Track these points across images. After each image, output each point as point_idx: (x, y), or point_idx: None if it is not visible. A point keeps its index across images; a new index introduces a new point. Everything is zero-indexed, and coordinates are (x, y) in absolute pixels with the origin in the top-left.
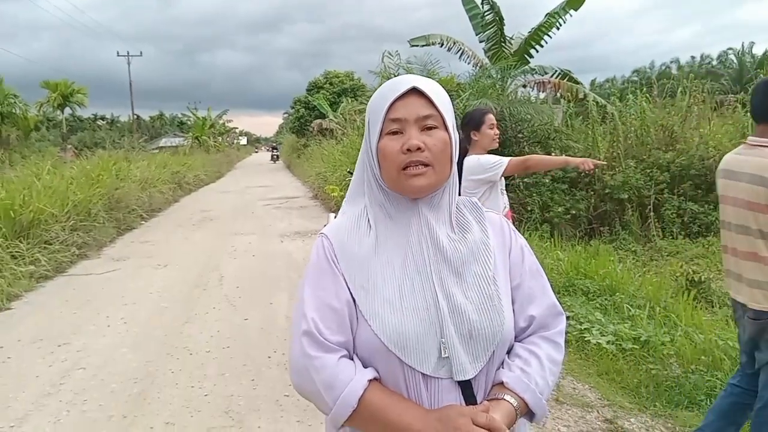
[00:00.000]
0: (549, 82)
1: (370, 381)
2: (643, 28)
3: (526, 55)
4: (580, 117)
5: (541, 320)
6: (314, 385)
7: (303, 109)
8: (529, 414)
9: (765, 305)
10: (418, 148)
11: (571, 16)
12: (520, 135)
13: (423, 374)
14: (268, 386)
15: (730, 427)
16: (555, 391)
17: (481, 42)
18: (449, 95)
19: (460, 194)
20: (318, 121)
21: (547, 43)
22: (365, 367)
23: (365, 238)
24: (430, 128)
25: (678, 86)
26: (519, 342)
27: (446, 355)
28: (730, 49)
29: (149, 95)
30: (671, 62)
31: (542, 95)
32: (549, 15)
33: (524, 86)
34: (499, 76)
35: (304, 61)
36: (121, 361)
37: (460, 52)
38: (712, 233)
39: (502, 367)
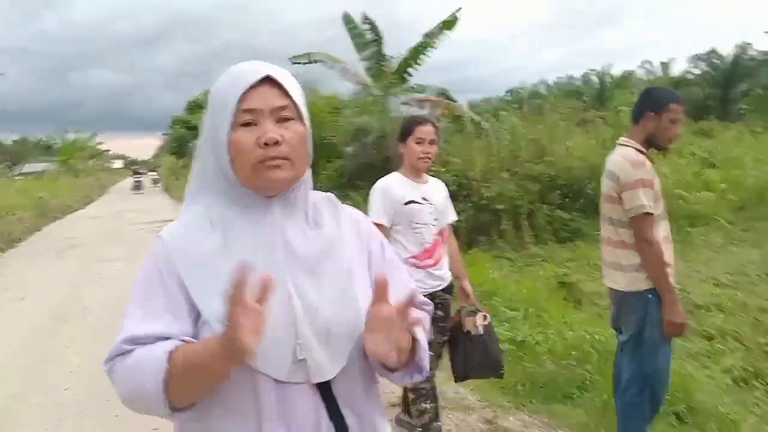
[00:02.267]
0: (428, 100)
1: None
2: (516, 51)
3: (405, 74)
4: (458, 134)
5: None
6: (132, 379)
7: (183, 129)
8: (413, 366)
9: (622, 286)
10: (276, 142)
11: (447, 36)
12: None
13: (276, 380)
14: (133, 422)
15: None
16: None
17: (362, 61)
18: (333, 112)
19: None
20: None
21: (424, 63)
22: None
23: (210, 239)
24: (285, 119)
25: (546, 104)
26: None
27: (302, 357)
28: (592, 70)
29: (11, 117)
30: (540, 83)
31: (422, 113)
32: (426, 35)
33: (405, 104)
34: (380, 95)
35: (184, 81)
36: None
37: (343, 70)
38: (579, 238)
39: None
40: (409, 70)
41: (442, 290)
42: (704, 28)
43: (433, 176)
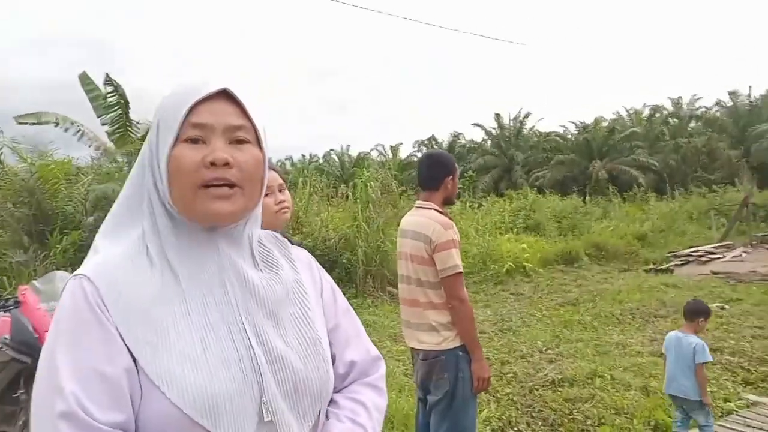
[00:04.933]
0: None
1: None
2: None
3: None
4: None
5: (362, 366)
6: None
7: None
8: None
9: (434, 346)
10: (226, 163)
11: None
12: None
13: None
14: None
15: None
16: None
17: (104, 125)
18: (68, 179)
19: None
20: None
21: None
22: None
23: (147, 278)
24: (240, 141)
25: (300, 178)
26: (339, 392)
27: (269, 419)
28: (332, 150)
29: None
30: (286, 159)
31: None
32: None
33: None
34: (125, 161)
35: None
36: None
37: (80, 133)
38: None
39: (328, 419)
40: None
41: None
42: (426, 117)
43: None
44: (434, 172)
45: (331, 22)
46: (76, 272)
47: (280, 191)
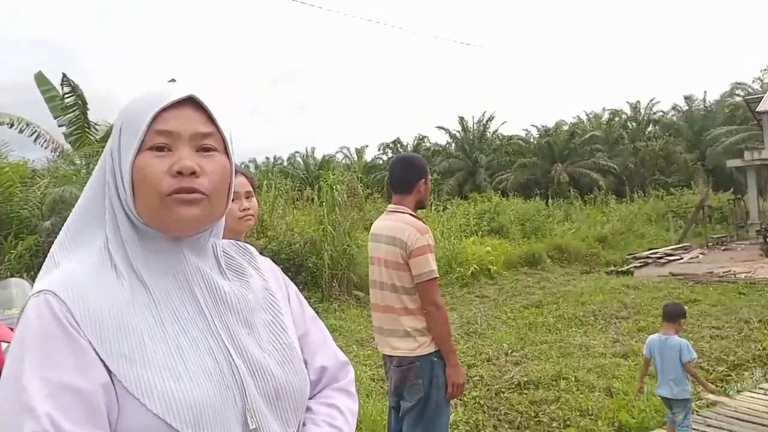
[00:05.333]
0: None
1: None
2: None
3: None
4: None
5: (332, 371)
6: None
7: None
8: None
9: (408, 352)
10: (193, 172)
11: None
12: None
13: None
14: None
15: None
16: None
17: (61, 126)
18: (23, 182)
19: None
20: None
21: None
22: None
23: (116, 289)
24: (207, 150)
25: (264, 180)
26: (312, 398)
27: (254, 426)
28: (297, 152)
29: None
30: (250, 161)
31: None
32: None
33: None
34: (84, 163)
35: None
36: None
37: (36, 135)
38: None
39: (305, 425)
40: None
41: None
42: (390, 120)
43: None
44: (407, 174)
45: (294, 23)
46: (37, 288)
47: (246, 198)
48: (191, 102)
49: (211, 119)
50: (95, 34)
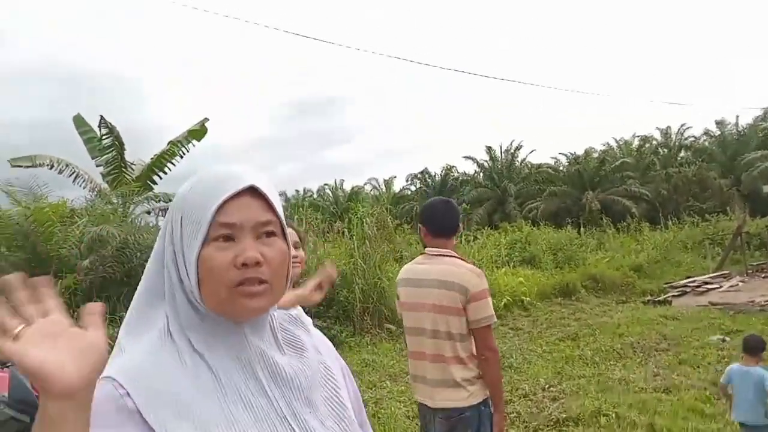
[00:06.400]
0: None
1: None
2: (251, 162)
3: (149, 182)
4: None
5: None
6: None
7: None
8: None
9: (459, 403)
10: (257, 263)
11: (194, 146)
12: (145, 264)
13: None
14: None
15: None
16: None
17: (98, 166)
18: (62, 222)
19: None
20: None
21: (170, 170)
22: None
23: (180, 373)
24: (267, 235)
25: (289, 213)
26: None
27: None
28: (326, 184)
29: None
30: (280, 194)
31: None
32: (171, 143)
33: (148, 213)
34: (120, 202)
35: None
36: None
37: (74, 175)
38: (336, 346)
39: None
40: (154, 177)
41: None
42: (417, 151)
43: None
44: (450, 217)
45: (320, 57)
46: (102, 374)
47: (295, 248)
48: (250, 189)
49: (269, 205)
50: (96, 35)
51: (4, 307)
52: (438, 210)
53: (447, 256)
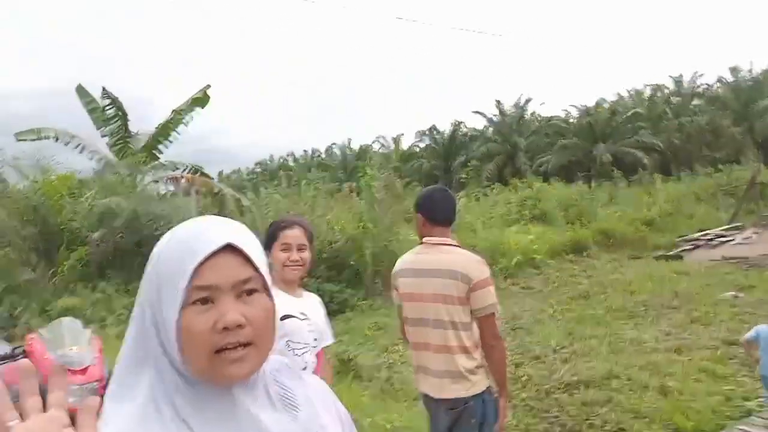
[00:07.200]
0: (182, 177)
1: None
2: (259, 122)
3: (154, 151)
4: (216, 210)
5: None
6: None
7: None
8: None
9: (463, 393)
10: (239, 325)
11: (198, 113)
12: (156, 233)
13: None
14: None
15: None
16: None
17: (104, 137)
18: (72, 194)
19: None
20: None
21: (175, 139)
22: None
23: None
24: (249, 293)
25: (297, 176)
26: None
27: None
28: (334, 144)
29: None
30: (288, 155)
31: (171, 189)
32: (175, 112)
33: (156, 182)
34: (128, 173)
35: None
36: None
37: (80, 146)
38: (348, 309)
39: None
40: (159, 146)
41: None
42: (426, 107)
43: (307, 290)
44: (449, 206)
45: (327, 23)
46: None
47: (299, 250)
48: (227, 246)
49: (249, 260)
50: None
51: (6, 397)
52: (436, 199)
53: (448, 245)
